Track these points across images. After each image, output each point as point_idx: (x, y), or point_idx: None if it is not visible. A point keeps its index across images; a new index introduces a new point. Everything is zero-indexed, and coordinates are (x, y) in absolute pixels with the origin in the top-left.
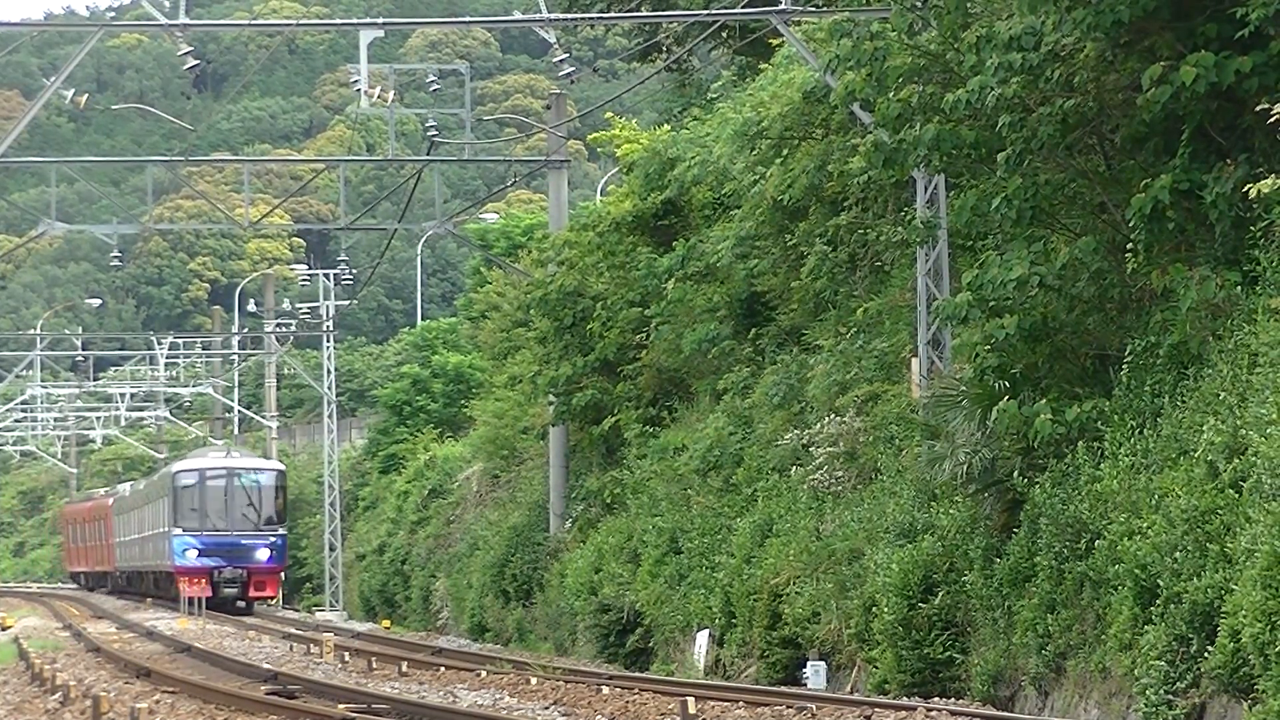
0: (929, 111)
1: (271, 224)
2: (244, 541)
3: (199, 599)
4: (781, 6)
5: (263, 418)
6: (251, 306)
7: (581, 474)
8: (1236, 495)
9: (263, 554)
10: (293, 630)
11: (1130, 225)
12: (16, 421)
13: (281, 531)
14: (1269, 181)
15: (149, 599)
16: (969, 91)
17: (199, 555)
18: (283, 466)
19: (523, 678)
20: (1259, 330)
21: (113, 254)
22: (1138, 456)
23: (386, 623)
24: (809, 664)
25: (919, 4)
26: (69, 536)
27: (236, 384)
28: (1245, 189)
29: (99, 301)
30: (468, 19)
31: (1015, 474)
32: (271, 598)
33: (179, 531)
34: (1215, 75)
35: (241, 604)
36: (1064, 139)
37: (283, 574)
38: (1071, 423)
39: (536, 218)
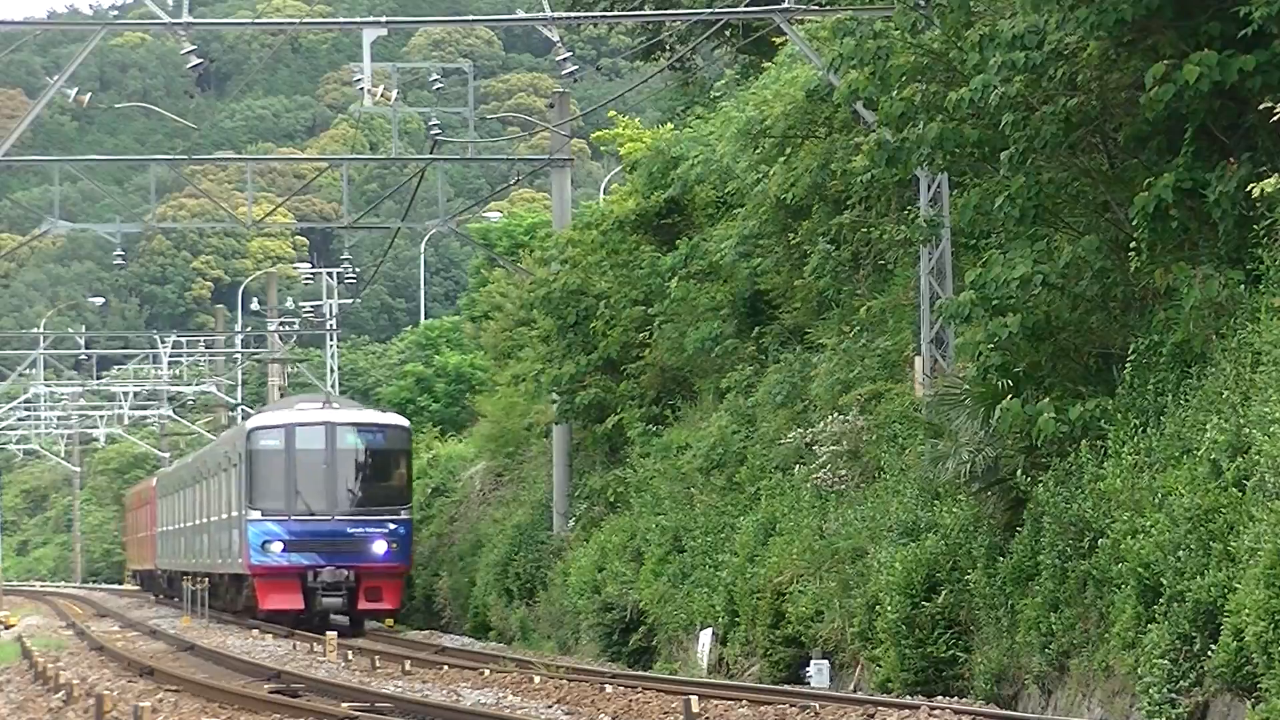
0: (932, 110)
1: (274, 223)
2: (352, 529)
3: (286, 614)
4: (784, 5)
5: None
6: (255, 305)
7: (585, 472)
8: (1240, 494)
9: (378, 547)
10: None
11: (1133, 224)
12: (20, 420)
13: (406, 515)
14: (1271, 181)
15: (162, 602)
16: (972, 90)
17: (285, 550)
18: (406, 422)
19: (526, 676)
20: (1262, 329)
21: (116, 253)
22: (1141, 455)
23: (389, 621)
24: (812, 663)
25: (922, 3)
26: (128, 527)
27: (240, 382)
28: (1249, 188)
29: (102, 300)
30: (471, 18)
31: (1018, 473)
32: (392, 612)
33: (256, 515)
34: (1218, 74)
35: (346, 619)
36: (1067, 138)
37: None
38: (1075, 421)
39: (539, 216)
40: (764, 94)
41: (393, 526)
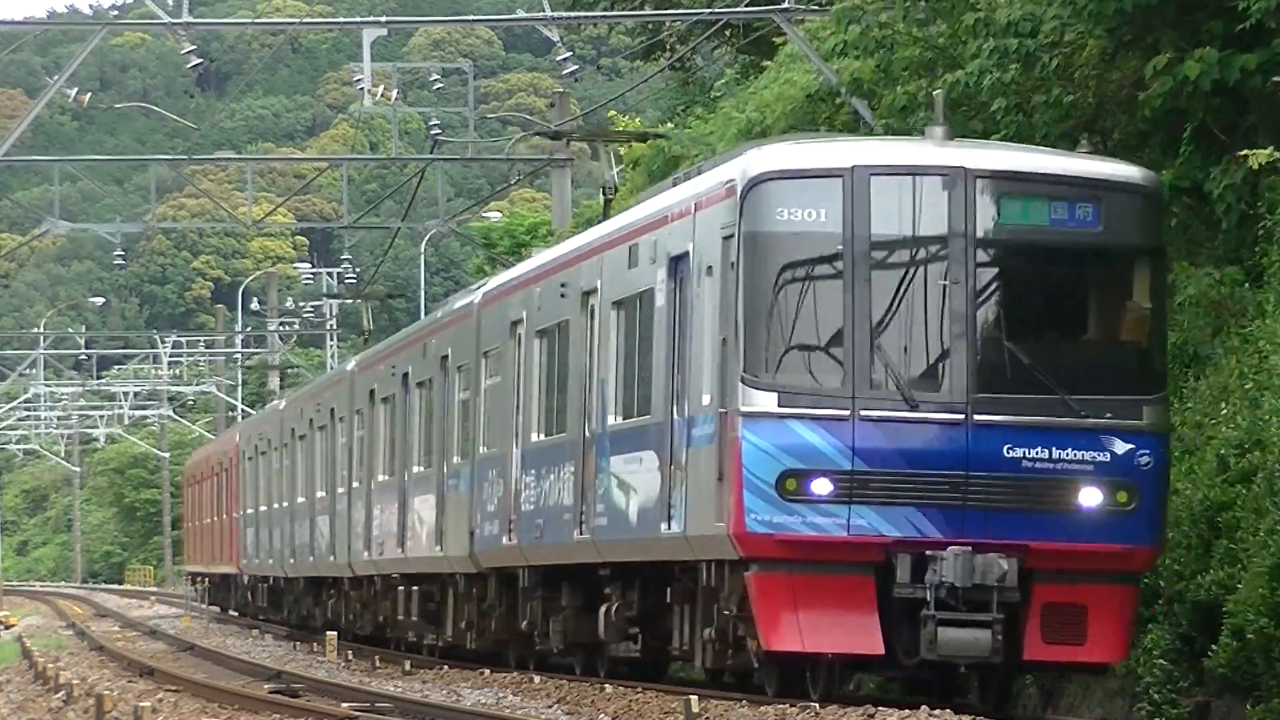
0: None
1: (274, 223)
2: (1019, 451)
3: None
4: (784, 5)
5: None
6: (255, 305)
7: None
8: (1244, 491)
9: (1088, 497)
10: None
11: None
12: (20, 420)
13: (1154, 420)
14: (1265, 152)
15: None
16: (968, 74)
17: (837, 493)
18: (1153, 179)
19: (526, 676)
20: (1263, 328)
21: (116, 252)
22: None
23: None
24: None
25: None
26: (188, 510)
27: (240, 382)
28: (1243, 154)
29: (102, 300)
30: (471, 18)
31: None
32: (1108, 666)
33: (764, 402)
34: (1219, 72)
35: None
36: (1060, 129)
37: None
38: None
39: (540, 216)
40: (765, 95)
41: (1125, 447)
